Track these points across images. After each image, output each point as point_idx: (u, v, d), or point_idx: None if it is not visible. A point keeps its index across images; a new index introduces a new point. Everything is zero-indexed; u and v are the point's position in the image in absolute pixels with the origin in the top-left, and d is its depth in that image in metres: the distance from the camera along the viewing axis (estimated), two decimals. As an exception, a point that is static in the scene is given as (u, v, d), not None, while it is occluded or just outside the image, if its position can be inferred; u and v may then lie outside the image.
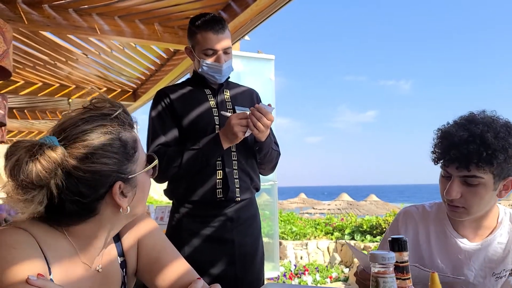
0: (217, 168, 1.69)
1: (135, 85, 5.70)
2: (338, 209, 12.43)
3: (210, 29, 1.69)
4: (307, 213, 13.16)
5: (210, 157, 1.66)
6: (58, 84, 5.45)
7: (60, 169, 0.78)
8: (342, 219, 7.86)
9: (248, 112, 1.63)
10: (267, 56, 4.59)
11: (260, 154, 1.77)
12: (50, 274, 0.80)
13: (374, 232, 6.54)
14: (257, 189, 1.84)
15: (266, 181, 4.61)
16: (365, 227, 6.70)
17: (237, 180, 1.71)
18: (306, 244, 6.68)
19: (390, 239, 0.73)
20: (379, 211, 12.13)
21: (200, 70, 1.77)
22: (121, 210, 0.85)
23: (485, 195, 1.16)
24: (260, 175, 1.89)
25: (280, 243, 6.33)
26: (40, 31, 3.74)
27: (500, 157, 1.10)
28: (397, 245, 0.72)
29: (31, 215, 0.82)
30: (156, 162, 0.92)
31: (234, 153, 1.74)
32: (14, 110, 6.50)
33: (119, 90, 5.85)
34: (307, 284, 5.46)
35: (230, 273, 1.68)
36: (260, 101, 1.93)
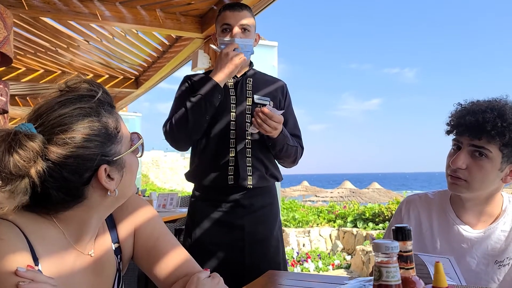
0: (231, 155, 1.70)
1: (137, 72, 5.67)
2: (341, 196, 12.47)
3: (227, 8, 1.76)
4: (309, 200, 13.22)
5: (209, 96, 1.66)
6: (60, 71, 5.43)
7: (40, 157, 0.75)
8: (345, 206, 7.88)
9: (236, 44, 1.68)
10: (270, 43, 4.55)
11: (274, 150, 1.75)
12: (38, 265, 0.79)
13: (377, 219, 6.55)
14: (276, 178, 1.81)
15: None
16: (367, 215, 6.71)
17: (250, 167, 1.71)
18: (309, 232, 6.71)
19: (393, 228, 0.72)
20: (381, 199, 12.17)
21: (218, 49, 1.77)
22: (109, 193, 0.83)
23: (489, 172, 1.14)
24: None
25: (283, 231, 6.36)
26: (40, 17, 3.70)
27: None
28: (400, 234, 0.70)
29: (18, 205, 0.79)
30: (141, 141, 0.90)
31: (248, 140, 1.73)
32: (16, 97, 6.50)
33: (121, 77, 5.82)
34: (309, 271, 5.49)
35: (237, 259, 1.68)
36: (287, 95, 1.89)
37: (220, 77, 1.65)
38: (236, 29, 1.72)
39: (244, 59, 1.69)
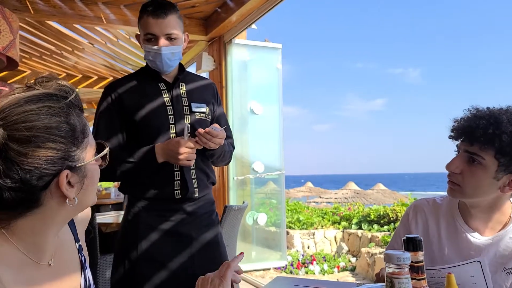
0: (175, 169, 1.67)
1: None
2: (345, 198, 12.42)
3: (150, 14, 1.63)
4: (314, 202, 13.18)
5: (146, 170, 1.64)
6: (64, 74, 5.46)
7: None
8: (349, 208, 7.85)
9: (196, 139, 1.59)
10: (274, 45, 4.54)
11: (212, 158, 1.77)
12: None
13: (382, 221, 6.52)
14: (213, 183, 1.83)
15: (273, 170, 4.61)
16: (372, 216, 6.69)
17: (195, 180, 1.70)
18: (313, 234, 6.69)
19: (405, 238, 0.71)
20: (386, 200, 12.12)
21: (145, 58, 1.72)
22: (67, 201, 0.76)
23: (482, 179, 1.13)
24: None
25: (287, 233, 6.34)
26: (46, 21, 3.72)
27: (504, 139, 1.07)
28: (412, 244, 0.70)
29: None
30: (107, 150, 0.85)
31: None
32: (22, 100, 6.53)
33: (126, 79, 5.84)
34: (314, 273, 5.48)
35: (187, 267, 1.67)
36: (218, 95, 1.89)
37: (162, 160, 1.62)
38: (163, 41, 1.65)
39: (191, 164, 1.63)
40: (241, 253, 0.97)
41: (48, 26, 3.93)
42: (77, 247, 0.93)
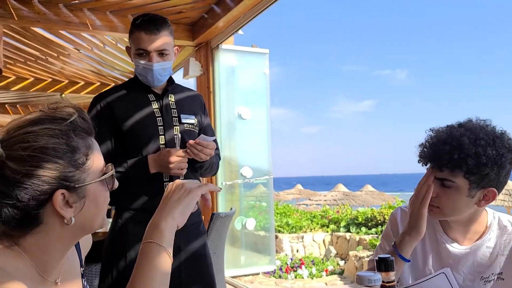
0: (165, 180, 1.67)
1: (131, 78, 5.66)
2: (334, 200, 12.47)
3: (142, 29, 1.64)
4: (303, 204, 13.22)
5: (136, 180, 1.64)
6: (50, 79, 5.40)
7: None
8: (338, 211, 7.90)
9: (186, 150, 1.60)
10: (261, 50, 4.56)
11: (201, 170, 1.78)
12: None
13: (369, 224, 6.57)
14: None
15: (261, 175, 4.62)
16: (360, 219, 6.73)
17: None
18: (302, 237, 6.71)
19: (376, 259, 0.73)
20: (374, 202, 12.21)
21: (135, 71, 1.73)
22: (65, 221, 0.78)
23: (458, 200, 1.16)
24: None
25: (276, 237, 6.35)
26: (31, 27, 3.69)
27: (469, 162, 1.10)
28: (383, 264, 0.71)
29: None
30: (111, 172, 0.85)
31: None
32: (6, 106, 6.46)
33: (113, 84, 5.81)
34: (303, 277, 5.50)
35: (175, 277, 1.67)
36: (205, 107, 1.90)
37: (154, 170, 1.63)
38: (154, 57, 1.66)
39: (183, 173, 1.65)
40: (219, 189, 0.99)
41: (33, 32, 3.89)
42: (82, 272, 0.95)
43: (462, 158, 1.10)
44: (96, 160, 0.84)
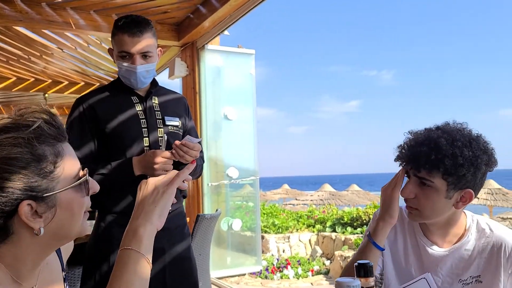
0: None
1: (113, 79, 5.60)
2: (321, 199, 12.54)
3: (125, 31, 1.62)
4: (290, 204, 13.26)
5: (120, 183, 1.62)
6: (33, 79, 5.32)
7: None
8: (324, 211, 7.94)
9: (172, 151, 1.58)
10: (247, 51, 4.55)
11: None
12: None
13: (355, 224, 6.63)
14: (185, 197, 1.82)
15: (247, 175, 4.61)
16: (346, 219, 6.78)
17: None
18: (288, 237, 6.73)
19: (356, 264, 0.73)
20: (360, 201, 12.33)
21: (118, 73, 1.72)
22: (35, 231, 0.76)
23: (436, 201, 1.17)
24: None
25: (263, 237, 6.36)
26: (13, 26, 3.62)
27: (447, 163, 1.12)
28: (363, 270, 0.72)
29: None
30: (84, 178, 0.82)
31: None
32: (-12, 105, 6.33)
33: (98, 84, 5.74)
34: (288, 278, 5.51)
35: (159, 280, 1.66)
36: (189, 110, 1.89)
37: (139, 172, 1.62)
38: (138, 59, 1.64)
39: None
40: (193, 161, 0.97)
41: (15, 32, 3.82)
42: (63, 276, 0.92)
43: (439, 159, 1.12)
44: (68, 166, 0.80)
